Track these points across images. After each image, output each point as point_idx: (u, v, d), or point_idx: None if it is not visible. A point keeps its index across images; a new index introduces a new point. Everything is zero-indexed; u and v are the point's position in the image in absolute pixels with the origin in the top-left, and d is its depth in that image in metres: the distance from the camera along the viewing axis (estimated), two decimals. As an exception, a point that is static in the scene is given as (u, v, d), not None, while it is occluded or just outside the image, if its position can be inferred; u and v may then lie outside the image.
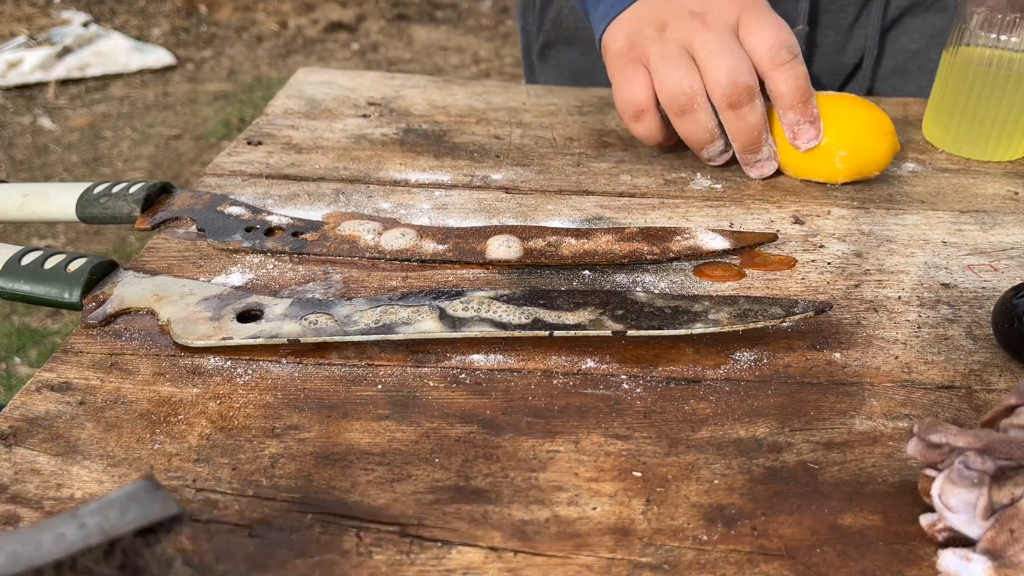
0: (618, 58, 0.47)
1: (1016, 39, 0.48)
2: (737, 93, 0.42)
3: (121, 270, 0.37)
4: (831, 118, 0.46)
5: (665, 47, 0.45)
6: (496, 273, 0.39)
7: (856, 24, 0.63)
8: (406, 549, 0.24)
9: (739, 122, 0.43)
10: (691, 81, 0.44)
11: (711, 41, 0.44)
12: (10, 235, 1.67)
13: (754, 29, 0.44)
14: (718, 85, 0.43)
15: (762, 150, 0.43)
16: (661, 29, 0.45)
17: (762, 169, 0.45)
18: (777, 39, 0.43)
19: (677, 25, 0.45)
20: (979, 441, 0.23)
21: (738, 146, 0.43)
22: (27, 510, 0.25)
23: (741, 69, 0.43)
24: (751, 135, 0.43)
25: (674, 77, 0.44)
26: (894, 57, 0.64)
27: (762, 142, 0.43)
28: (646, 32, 0.46)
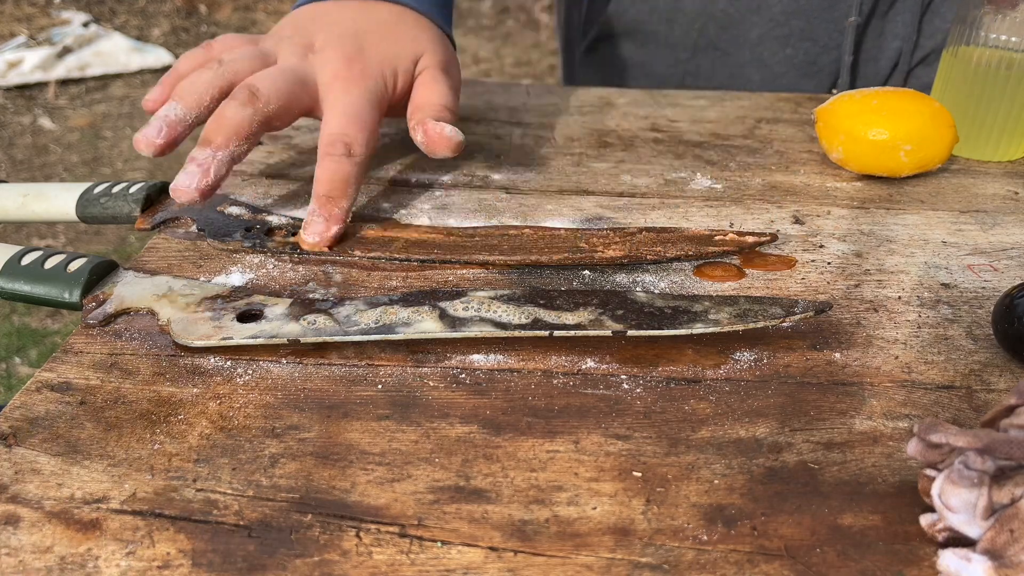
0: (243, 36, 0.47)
1: (1016, 39, 0.48)
2: (240, 90, 0.40)
3: (121, 270, 0.37)
4: (894, 113, 0.46)
5: (267, 46, 0.44)
6: (496, 273, 0.39)
7: (893, 9, 0.64)
8: (406, 549, 0.24)
9: (220, 111, 0.40)
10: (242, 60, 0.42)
11: (283, 65, 0.43)
12: (10, 235, 1.67)
13: (335, 106, 0.42)
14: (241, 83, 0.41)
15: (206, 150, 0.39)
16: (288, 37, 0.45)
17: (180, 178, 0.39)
18: (343, 129, 0.41)
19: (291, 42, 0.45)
20: (979, 441, 0.23)
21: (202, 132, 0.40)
22: (27, 510, 0.25)
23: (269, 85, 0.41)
24: (218, 124, 0.39)
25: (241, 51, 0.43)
26: (932, 38, 0.64)
27: (213, 143, 0.39)
28: (283, 32, 0.46)
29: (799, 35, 0.66)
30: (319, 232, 0.39)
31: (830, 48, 0.66)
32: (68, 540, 0.24)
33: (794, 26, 0.66)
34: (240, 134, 0.39)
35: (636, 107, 0.60)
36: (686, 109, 0.60)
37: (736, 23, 0.67)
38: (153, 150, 0.39)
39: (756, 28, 0.67)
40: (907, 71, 0.66)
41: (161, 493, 0.26)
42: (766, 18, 0.66)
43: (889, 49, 0.66)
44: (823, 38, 0.66)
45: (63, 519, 0.25)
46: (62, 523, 0.25)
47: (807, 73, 0.68)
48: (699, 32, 0.68)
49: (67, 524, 0.25)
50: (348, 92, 0.42)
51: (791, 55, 0.67)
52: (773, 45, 0.67)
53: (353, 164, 0.40)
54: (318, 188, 0.40)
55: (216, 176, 0.38)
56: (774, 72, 0.68)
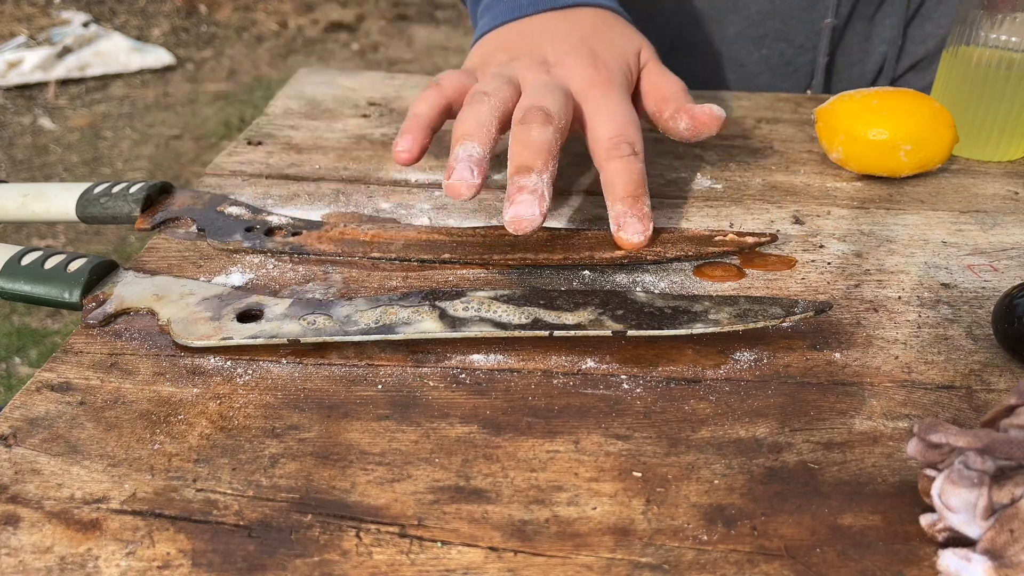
0: (463, 68, 0.47)
1: (1016, 39, 0.48)
2: (533, 112, 0.40)
3: (121, 270, 0.37)
4: (894, 113, 0.46)
5: (500, 70, 0.45)
6: (496, 273, 0.39)
7: (880, 13, 0.64)
8: (406, 549, 0.24)
9: (523, 135, 0.39)
10: (501, 87, 0.42)
11: (539, 82, 0.43)
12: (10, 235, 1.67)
13: (601, 111, 0.42)
14: (520, 107, 0.41)
15: (531, 176, 0.37)
16: (511, 60, 0.46)
17: (518, 209, 0.36)
18: (622, 131, 0.41)
19: (523, 62, 0.45)
20: (979, 441, 0.23)
21: (511, 164, 0.39)
22: (27, 510, 0.25)
23: (551, 102, 0.41)
24: (530, 149, 0.38)
25: (490, 80, 0.43)
26: (923, 44, 0.64)
27: (535, 168, 0.38)
28: (497, 57, 0.47)
29: (775, 36, 0.66)
30: (640, 231, 0.39)
31: (806, 49, 0.66)
32: (68, 540, 0.24)
33: (770, 27, 0.66)
34: (552, 153, 0.39)
35: (636, 107, 0.60)
36: (686, 109, 0.60)
37: (712, 22, 0.67)
38: (473, 191, 0.38)
39: (732, 27, 0.67)
40: (892, 76, 0.66)
41: (161, 493, 0.26)
42: (742, 18, 0.66)
43: (875, 53, 0.66)
44: (799, 39, 0.66)
45: (63, 519, 0.25)
46: (62, 523, 0.25)
47: (783, 74, 0.68)
48: (675, 30, 0.68)
49: (67, 524, 0.25)
50: (608, 97, 0.43)
51: (767, 55, 0.67)
52: (748, 45, 0.67)
53: (640, 161, 0.41)
54: (619, 191, 0.39)
55: (549, 198, 0.38)
56: (749, 72, 0.68)
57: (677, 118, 0.44)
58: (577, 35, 0.46)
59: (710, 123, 0.43)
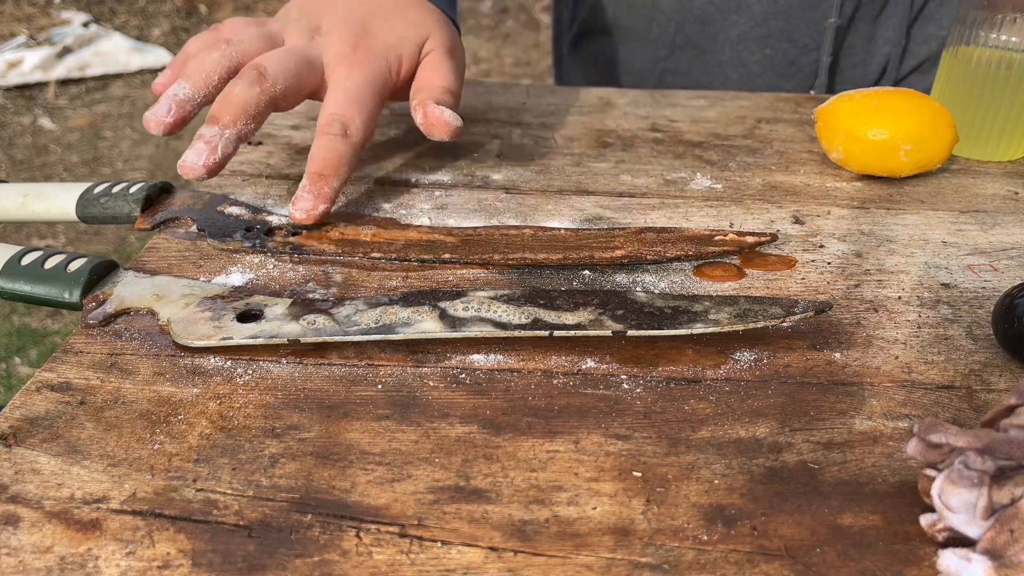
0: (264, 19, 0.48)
1: (1016, 39, 0.48)
2: (248, 70, 0.41)
3: (121, 270, 0.37)
4: (894, 113, 0.46)
5: (275, 27, 0.45)
6: (496, 273, 0.39)
7: (884, 14, 0.64)
8: (406, 549, 0.24)
9: (228, 89, 0.40)
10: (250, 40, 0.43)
11: (290, 46, 0.43)
12: (10, 235, 1.67)
13: (337, 88, 0.43)
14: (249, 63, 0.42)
15: (213, 128, 0.39)
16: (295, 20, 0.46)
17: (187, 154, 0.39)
18: (342, 109, 0.41)
19: (296, 24, 0.45)
20: (979, 441, 0.23)
21: (210, 110, 0.40)
22: (27, 510, 0.25)
23: (276, 65, 0.41)
24: (226, 103, 0.39)
25: (248, 32, 0.44)
26: (926, 44, 0.64)
27: (221, 121, 0.39)
28: (290, 15, 0.47)
29: (778, 35, 0.66)
30: (306, 208, 0.40)
31: (810, 49, 0.66)
32: (68, 540, 0.24)
33: (773, 26, 0.66)
34: (248, 113, 0.40)
35: (636, 107, 0.60)
36: (686, 109, 0.60)
37: (715, 22, 0.67)
38: (162, 128, 0.40)
39: (735, 27, 0.67)
40: (896, 77, 0.66)
41: (161, 493, 0.26)
42: (745, 17, 0.66)
43: (879, 54, 0.66)
44: (803, 39, 0.66)
45: (63, 519, 0.25)
46: (62, 523, 0.25)
47: (786, 74, 0.68)
48: (677, 30, 0.68)
49: (67, 524, 0.25)
50: (351, 75, 0.43)
51: (770, 55, 0.67)
52: (752, 45, 0.67)
53: (348, 144, 0.41)
54: (311, 165, 0.40)
55: (223, 154, 0.39)
56: (752, 72, 0.68)
57: (417, 110, 0.44)
58: (362, 11, 0.46)
59: (438, 125, 0.43)
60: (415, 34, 0.46)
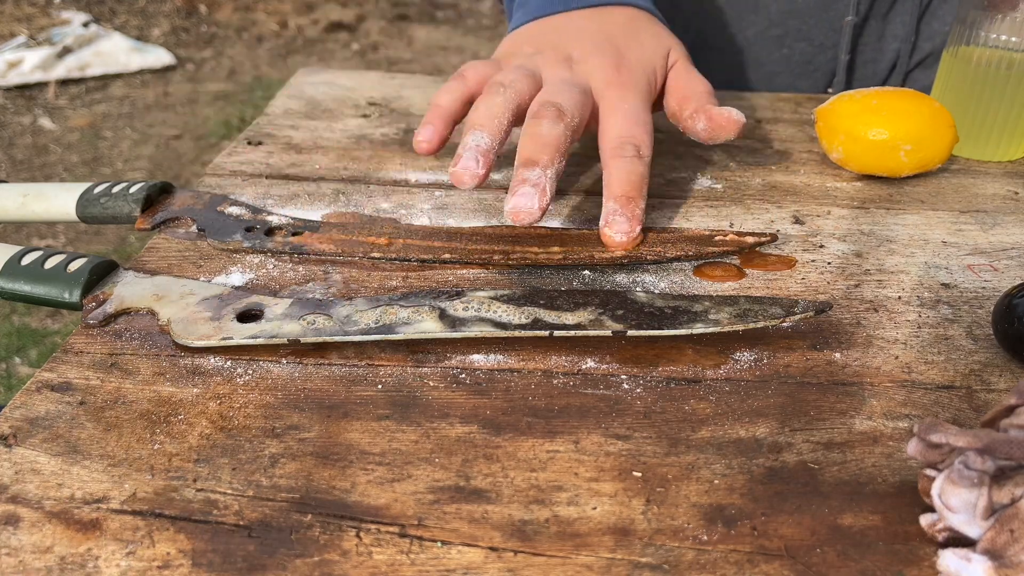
0: (490, 59, 0.48)
1: (1016, 39, 0.48)
2: (546, 108, 0.40)
3: (121, 270, 0.37)
4: (895, 112, 0.46)
5: (523, 63, 0.45)
6: (496, 273, 0.39)
7: (893, 11, 0.64)
8: (406, 549, 0.24)
9: (533, 129, 0.40)
10: (519, 79, 0.43)
11: (559, 78, 0.43)
12: (10, 235, 1.67)
13: (616, 112, 0.43)
14: (536, 102, 0.42)
15: (535, 170, 0.38)
16: (536, 53, 0.46)
17: (518, 201, 0.37)
18: (629, 132, 0.41)
19: (547, 57, 0.45)
20: (979, 441, 0.23)
21: (518, 157, 0.39)
22: (27, 510, 0.25)
23: (566, 99, 0.41)
24: (537, 143, 0.39)
25: (510, 72, 0.44)
26: (931, 41, 0.65)
27: (540, 162, 0.38)
28: (524, 50, 0.47)
29: (795, 35, 0.66)
30: (625, 231, 0.39)
31: (826, 48, 0.66)
32: (68, 540, 0.24)
33: (790, 26, 0.66)
34: (560, 150, 0.39)
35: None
36: (686, 109, 0.60)
37: (733, 22, 0.67)
38: (477, 180, 0.39)
39: (752, 27, 0.67)
40: (905, 73, 0.66)
41: (161, 493, 0.26)
42: (762, 18, 0.66)
43: (888, 51, 0.66)
44: (819, 38, 0.66)
45: (63, 519, 0.25)
46: (62, 523, 0.25)
47: (803, 73, 0.68)
48: (696, 30, 0.68)
49: (67, 524, 0.25)
50: (624, 97, 0.43)
51: (787, 55, 0.67)
52: (769, 45, 0.67)
53: (644, 164, 0.41)
54: (615, 189, 0.40)
55: (551, 193, 0.38)
56: (770, 72, 0.68)
57: (696, 118, 0.44)
58: (604, 34, 0.46)
59: (728, 126, 0.43)
60: (660, 48, 0.47)
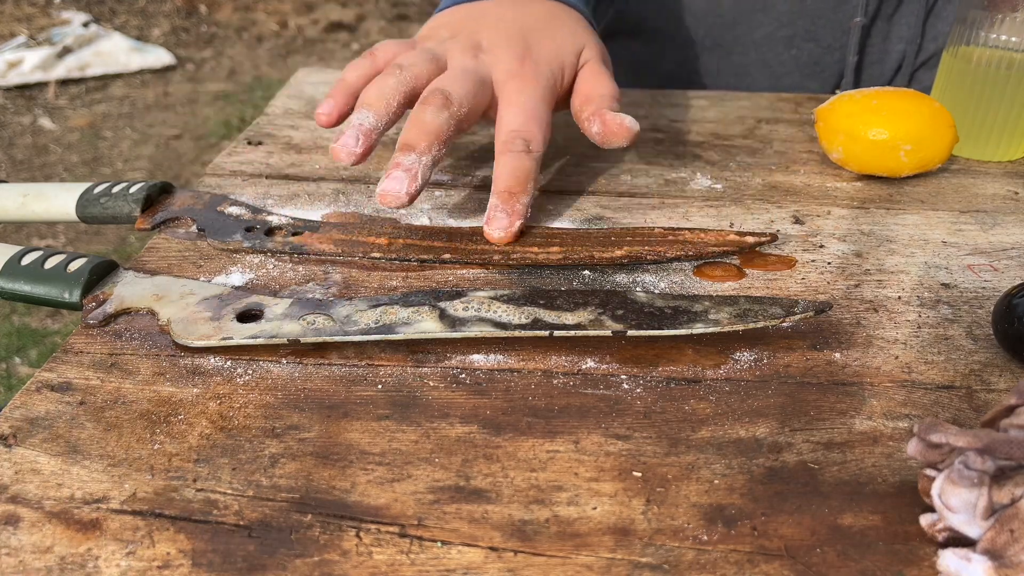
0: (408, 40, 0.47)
1: (1016, 39, 0.48)
2: (434, 95, 0.40)
3: (121, 270, 0.37)
4: (895, 112, 0.46)
5: (433, 47, 0.45)
6: (496, 273, 0.39)
7: (898, 12, 0.64)
8: (406, 549, 0.24)
9: (418, 115, 0.40)
10: (420, 63, 0.43)
11: (460, 66, 0.43)
12: (10, 235, 1.67)
13: (512, 104, 0.42)
14: (429, 86, 0.41)
15: (411, 155, 0.38)
16: (450, 38, 0.46)
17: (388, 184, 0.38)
18: (522, 126, 0.41)
19: (456, 43, 0.45)
20: (979, 441, 0.23)
21: (400, 140, 0.39)
22: (27, 510, 0.25)
23: (459, 87, 0.41)
24: (418, 129, 0.39)
25: (414, 55, 0.43)
26: (935, 41, 0.65)
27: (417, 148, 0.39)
28: (439, 33, 0.47)
29: (804, 36, 0.66)
30: (503, 227, 0.39)
31: (834, 49, 0.66)
32: (68, 540, 0.24)
33: (799, 26, 0.66)
34: (440, 138, 0.39)
35: (636, 107, 0.60)
36: (686, 109, 0.60)
37: (741, 23, 0.67)
38: (353, 159, 0.39)
39: (761, 28, 0.67)
40: (910, 73, 0.66)
41: (161, 493, 0.26)
42: (771, 18, 0.66)
43: (894, 51, 0.66)
44: (827, 39, 0.66)
45: (63, 519, 0.25)
46: (62, 523, 0.25)
47: (811, 73, 0.68)
48: (706, 31, 0.68)
49: (67, 524, 0.25)
50: (523, 90, 0.43)
51: (796, 55, 0.67)
52: (778, 45, 0.67)
53: (532, 160, 0.41)
54: (499, 184, 0.40)
55: (423, 180, 0.38)
56: (778, 72, 0.69)
57: (592, 120, 0.43)
58: (518, 25, 0.46)
59: (619, 132, 0.43)
60: (572, 45, 0.46)
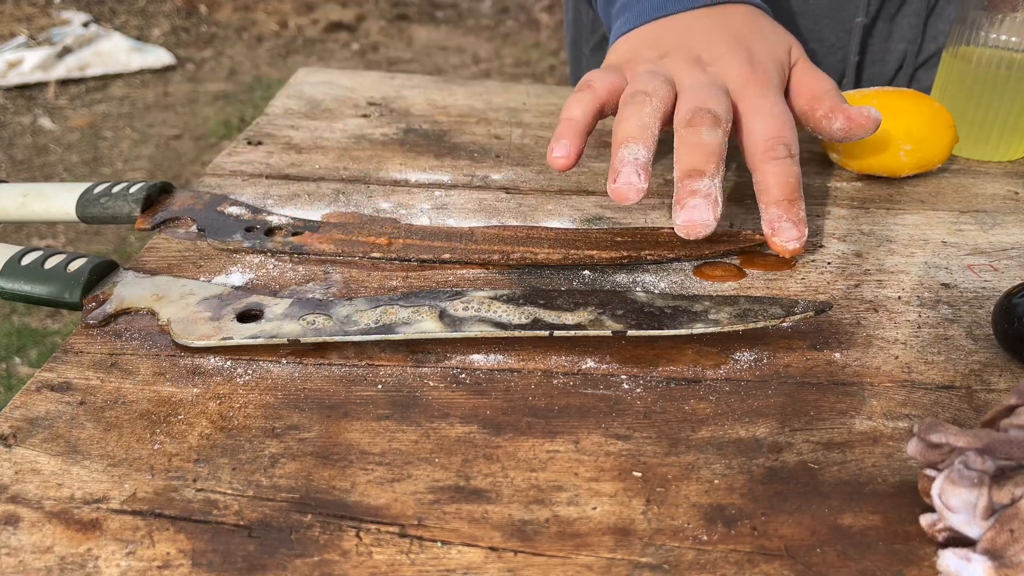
0: (608, 65, 0.46)
1: (1016, 39, 0.48)
2: (701, 114, 0.39)
3: (121, 270, 0.37)
4: (895, 112, 0.46)
5: (654, 67, 0.44)
6: (496, 273, 0.39)
7: (900, 12, 0.64)
8: (406, 549, 0.24)
9: (693, 138, 0.38)
10: (659, 86, 0.41)
11: (698, 81, 0.42)
12: (10, 235, 1.67)
13: (759, 111, 0.41)
14: (683, 108, 0.40)
15: (703, 180, 0.37)
16: (661, 57, 0.45)
17: (691, 214, 0.37)
18: (778, 132, 0.40)
19: (676, 60, 0.44)
20: (979, 441, 0.23)
21: (680, 168, 0.38)
22: (27, 510, 0.25)
23: (716, 103, 0.40)
24: (701, 152, 0.38)
25: (646, 79, 0.42)
26: (935, 41, 0.65)
27: (707, 172, 0.37)
28: (645, 54, 0.46)
29: (806, 36, 0.66)
30: (794, 237, 0.38)
31: (836, 48, 0.66)
32: (68, 540, 0.24)
33: (802, 26, 0.66)
34: (722, 156, 0.39)
35: (636, 107, 0.60)
36: (686, 109, 0.60)
37: None
38: (640, 196, 0.38)
39: None
40: (911, 73, 0.66)
41: (161, 493, 0.26)
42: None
43: (895, 51, 0.66)
44: (830, 38, 0.66)
45: (63, 519, 0.25)
46: (62, 523, 0.25)
47: None
48: None
49: (67, 524, 0.25)
50: (765, 95, 0.42)
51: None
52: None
53: (796, 163, 0.40)
54: (775, 194, 0.39)
55: (722, 202, 0.38)
56: None
57: (832, 117, 0.43)
58: (730, 32, 0.45)
59: (866, 124, 0.42)
60: (783, 44, 0.46)
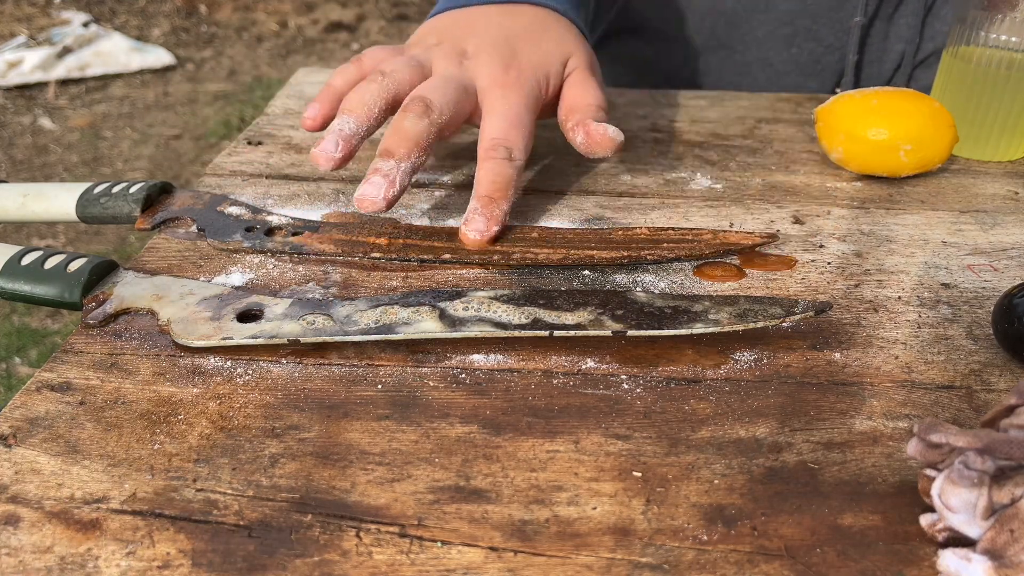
0: (396, 46, 0.48)
1: (1016, 39, 0.48)
2: (415, 102, 0.40)
3: (121, 270, 0.37)
4: (895, 112, 0.46)
5: (420, 54, 0.45)
6: (496, 273, 0.39)
7: (898, 12, 0.64)
8: (406, 549, 0.24)
9: (398, 122, 0.40)
10: (402, 70, 0.43)
11: (444, 73, 0.43)
12: (10, 235, 1.68)
13: (495, 111, 0.42)
14: (410, 95, 0.42)
15: (389, 162, 0.39)
16: (436, 45, 0.46)
17: (366, 189, 0.39)
18: (504, 133, 0.41)
19: (442, 50, 0.45)
20: (979, 441, 0.23)
21: (380, 146, 0.40)
22: (27, 510, 0.25)
23: (440, 96, 0.41)
24: (397, 136, 0.39)
25: (397, 62, 0.44)
26: (933, 41, 0.65)
27: (396, 155, 0.39)
28: (427, 40, 0.47)
29: (804, 35, 0.66)
30: (480, 230, 0.40)
31: (834, 48, 0.66)
32: (68, 540, 0.24)
33: (799, 25, 0.66)
34: (420, 145, 0.40)
35: (636, 107, 0.60)
36: (686, 109, 0.60)
37: (743, 22, 0.67)
38: (332, 164, 0.40)
39: (762, 27, 0.67)
40: (909, 72, 0.67)
41: (161, 493, 0.26)
42: (772, 18, 0.66)
43: (893, 51, 0.66)
44: (828, 38, 0.66)
45: (63, 519, 0.25)
46: (62, 523, 0.25)
47: (811, 73, 0.68)
48: (708, 30, 0.68)
49: (67, 524, 0.25)
50: (507, 98, 0.43)
51: (796, 54, 0.67)
52: (778, 44, 0.67)
53: (513, 167, 0.41)
54: (480, 189, 0.40)
55: (401, 186, 0.39)
56: (778, 71, 0.69)
57: (575, 130, 0.44)
58: (504, 32, 0.46)
59: (603, 143, 0.43)
60: (559, 53, 0.46)
